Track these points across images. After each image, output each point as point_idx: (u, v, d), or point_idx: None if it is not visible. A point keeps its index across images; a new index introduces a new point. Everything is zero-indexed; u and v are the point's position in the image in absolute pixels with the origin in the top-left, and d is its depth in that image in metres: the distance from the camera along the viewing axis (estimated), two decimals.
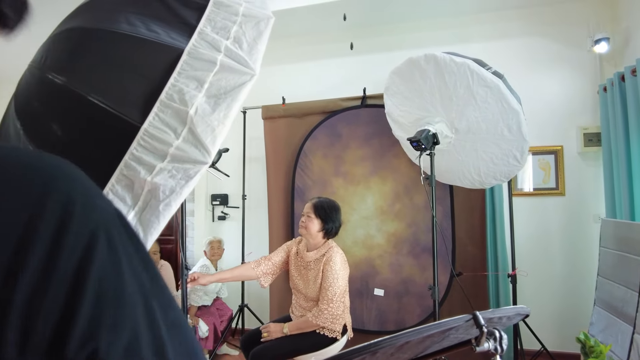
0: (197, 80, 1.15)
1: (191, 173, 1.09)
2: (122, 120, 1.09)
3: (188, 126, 1.10)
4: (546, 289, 3.15)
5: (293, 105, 3.54)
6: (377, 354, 0.93)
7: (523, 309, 1.11)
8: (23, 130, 1.20)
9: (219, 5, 1.34)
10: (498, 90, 2.12)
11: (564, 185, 3.20)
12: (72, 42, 1.24)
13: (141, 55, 1.18)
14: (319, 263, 2.16)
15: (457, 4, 3.27)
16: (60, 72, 1.17)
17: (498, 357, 0.91)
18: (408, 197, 3.24)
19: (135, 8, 1.28)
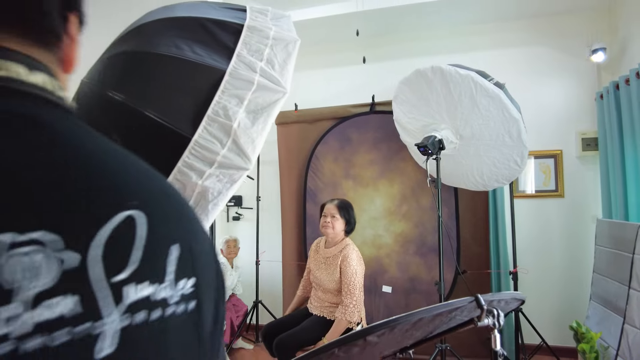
0: (238, 98, 1.34)
1: (235, 177, 1.28)
2: (176, 132, 1.28)
3: (232, 137, 1.28)
4: (546, 285, 3.32)
5: (305, 112, 3.73)
6: (395, 329, 1.11)
7: (519, 294, 1.28)
8: None
9: (252, 29, 1.52)
10: (499, 100, 2.30)
11: (563, 188, 3.36)
12: (128, 63, 1.43)
13: (189, 75, 1.37)
14: (336, 259, 2.36)
15: (463, 15, 3.45)
16: (118, 90, 1.36)
17: (496, 331, 1.08)
18: (414, 198, 3.41)
19: (180, 33, 1.46)
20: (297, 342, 2.22)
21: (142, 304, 0.34)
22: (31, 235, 0.29)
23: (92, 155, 0.37)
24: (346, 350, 1.14)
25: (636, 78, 2.57)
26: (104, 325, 0.31)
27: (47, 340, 0.28)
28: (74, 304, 0.30)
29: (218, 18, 1.52)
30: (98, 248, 0.32)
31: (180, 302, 0.38)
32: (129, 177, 0.39)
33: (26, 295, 0.28)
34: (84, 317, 0.30)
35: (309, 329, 2.31)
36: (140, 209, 0.36)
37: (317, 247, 2.59)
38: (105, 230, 0.33)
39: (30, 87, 0.37)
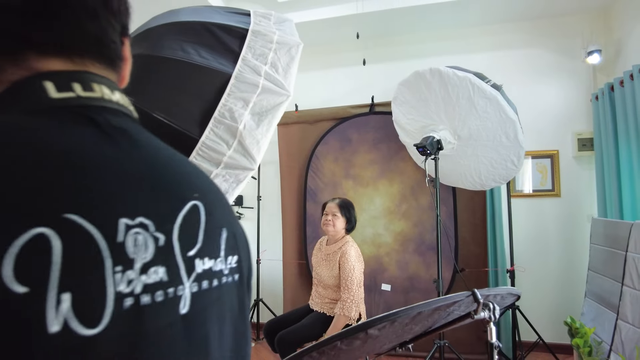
0: (243, 101, 1.38)
1: (241, 177, 1.32)
2: (183, 134, 1.33)
3: (238, 139, 1.33)
4: (542, 283, 3.37)
5: (305, 112, 3.78)
6: (395, 323, 1.16)
7: (514, 289, 1.34)
8: None
9: (257, 34, 1.57)
10: (496, 101, 2.35)
11: (559, 187, 3.42)
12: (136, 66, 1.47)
13: (196, 78, 1.41)
14: (336, 255, 2.42)
15: (460, 17, 3.50)
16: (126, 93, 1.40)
17: (492, 323, 1.13)
18: (414, 198, 3.46)
19: (187, 37, 1.51)
20: (298, 338, 2.28)
21: (206, 275, 0.45)
22: (138, 220, 0.38)
23: (165, 157, 0.47)
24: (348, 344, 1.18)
25: (630, 80, 2.63)
26: (184, 290, 0.41)
27: (152, 298, 0.38)
28: (164, 272, 0.40)
29: (223, 22, 1.57)
30: (177, 230, 0.42)
31: (230, 274, 0.49)
32: (190, 174, 0.48)
33: (139, 264, 0.37)
34: (171, 283, 0.40)
35: (309, 325, 2.36)
36: (199, 200, 0.46)
37: (320, 245, 2.66)
38: (180, 216, 0.43)
39: (114, 104, 0.45)
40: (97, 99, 0.43)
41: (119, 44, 0.50)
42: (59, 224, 0.31)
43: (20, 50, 0.42)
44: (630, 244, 2.25)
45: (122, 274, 0.35)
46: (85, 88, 0.43)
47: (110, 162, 0.39)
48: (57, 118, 0.40)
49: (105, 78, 0.46)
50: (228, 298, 0.48)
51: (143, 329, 0.36)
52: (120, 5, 0.49)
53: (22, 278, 0.29)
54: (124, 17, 0.50)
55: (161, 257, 0.39)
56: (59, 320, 0.30)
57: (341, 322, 2.32)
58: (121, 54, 0.50)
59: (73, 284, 0.31)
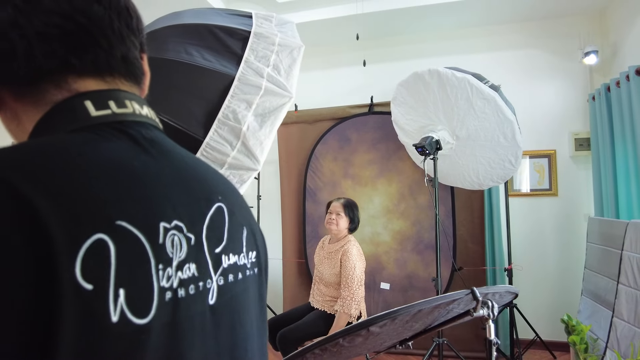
0: (246, 102, 1.41)
1: (245, 178, 1.35)
2: (188, 135, 1.35)
3: (241, 140, 1.36)
4: (540, 281, 3.41)
5: (305, 112, 3.80)
6: (396, 320, 1.19)
7: (512, 288, 1.37)
8: None
9: (259, 36, 1.59)
10: (494, 102, 2.38)
11: (556, 187, 3.45)
12: None
13: (200, 80, 1.43)
14: (338, 253, 2.46)
15: (459, 18, 3.53)
16: None
17: (490, 321, 1.16)
18: (412, 197, 3.49)
19: (191, 39, 1.53)
20: (299, 336, 2.31)
21: (231, 269, 0.51)
22: (174, 222, 0.43)
23: (190, 163, 0.52)
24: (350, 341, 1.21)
25: (626, 81, 2.66)
26: (212, 283, 0.47)
27: (186, 291, 0.43)
28: (195, 268, 0.45)
29: (226, 25, 1.58)
30: (205, 230, 0.47)
31: (251, 268, 0.55)
32: (212, 178, 0.54)
33: (175, 262, 0.42)
34: (201, 277, 0.45)
35: (310, 323, 2.39)
36: (223, 202, 0.52)
37: (323, 244, 2.70)
38: (208, 217, 0.48)
39: (144, 118, 0.50)
40: (129, 114, 0.48)
41: (140, 61, 0.54)
42: (113, 230, 0.36)
43: (61, 73, 0.46)
44: (625, 243, 2.28)
45: (163, 271, 0.40)
46: (119, 105, 0.47)
47: (147, 171, 0.44)
48: (99, 134, 0.44)
49: (134, 94, 0.51)
50: (252, 289, 0.54)
51: (179, 318, 0.41)
52: (138, 25, 0.53)
53: (88, 277, 0.33)
54: (141, 35, 0.54)
55: (193, 255, 0.45)
56: (117, 312, 0.35)
57: (342, 319, 2.35)
58: (143, 69, 0.55)
59: (126, 281, 0.36)
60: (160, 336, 0.39)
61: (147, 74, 0.57)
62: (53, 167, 0.36)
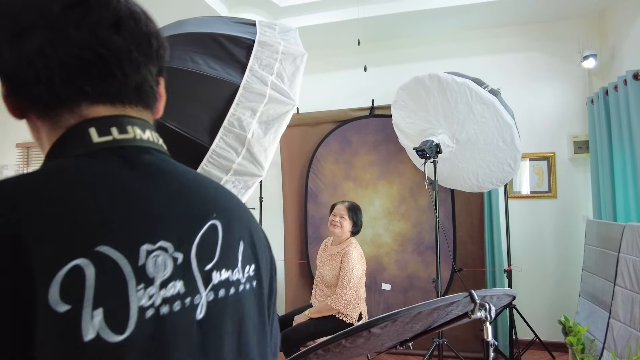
0: (251, 110, 1.45)
1: (249, 184, 1.39)
2: (195, 142, 1.39)
3: (246, 147, 1.40)
4: (539, 282, 3.45)
5: (307, 115, 3.84)
6: (397, 321, 1.23)
7: (510, 290, 1.40)
8: None
9: (263, 44, 1.63)
10: (494, 106, 2.42)
11: (555, 189, 3.49)
12: None
13: (206, 89, 1.47)
14: (339, 255, 2.51)
15: (459, 21, 3.56)
16: None
17: (488, 323, 1.20)
18: (413, 199, 3.53)
19: (196, 48, 1.56)
20: (301, 337, 2.35)
21: (222, 284, 0.52)
22: (159, 244, 0.46)
23: (188, 182, 0.54)
24: (352, 341, 1.25)
25: (624, 85, 2.70)
26: (201, 299, 0.49)
27: (170, 308, 0.45)
28: (181, 285, 0.47)
29: (231, 33, 1.62)
30: (195, 248, 0.49)
31: (247, 282, 0.56)
32: (210, 194, 0.56)
33: (159, 281, 0.45)
34: (187, 294, 0.47)
35: (311, 324, 2.43)
36: (218, 218, 0.53)
37: (325, 246, 2.76)
38: (198, 236, 0.50)
39: (144, 142, 0.53)
40: (130, 140, 0.51)
41: (155, 86, 0.56)
42: (92, 255, 0.40)
43: (76, 100, 0.49)
44: (622, 245, 2.32)
45: (144, 291, 0.43)
46: (121, 131, 0.50)
47: (137, 193, 0.47)
48: (97, 159, 0.48)
49: (140, 119, 0.54)
50: (247, 303, 0.55)
51: (162, 334, 0.44)
52: (159, 51, 0.56)
53: (66, 299, 0.37)
54: (160, 60, 0.57)
55: (179, 273, 0.47)
56: (93, 330, 0.38)
57: (326, 308, 2.45)
58: (157, 94, 0.57)
59: (104, 302, 0.39)
60: (142, 351, 0.41)
61: (163, 96, 0.60)
62: (41, 200, 0.40)
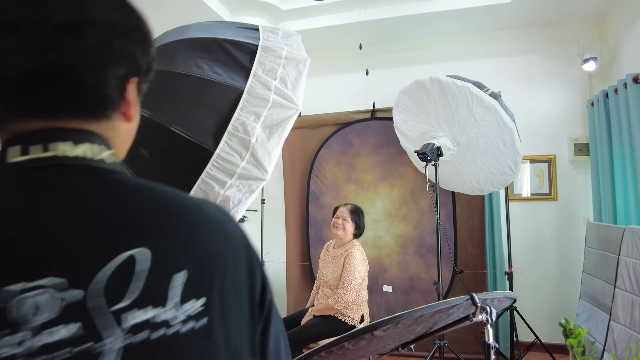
0: (255, 114, 1.47)
1: (253, 187, 1.41)
2: (199, 146, 1.41)
3: (250, 151, 1.42)
4: (539, 284, 3.46)
5: (308, 117, 3.87)
6: (399, 324, 1.25)
7: (510, 293, 1.42)
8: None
9: (266, 49, 1.65)
10: (494, 110, 2.44)
11: (556, 191, 3.51)
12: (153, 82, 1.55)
13: (211, 94, 1.49)
14: (341, 257, 2.54)
15: (460, 25, 3.58)
16: (145, 107, 1.48)
17: (489, 326, 1.22)
18: (414, 201, 3.55)
19: (201, 53, 1.58)
20: (303, 339, 2.37)
21: (143, 326, 0.41)
22: (38, 282, 0.38)
23: (110, 206, 0.45)
24: (355, 344, 1.27)
25: (624, 88, 2.71)
26: (105, 345, 0.39)
27: (51, 356, 0.37)
28: (77, 329, 0.38)
29: (235, 39, 1.64)
30: (100, 284, 0.40)
31: (187, 321, 0.43)
32: (144, 218, 0.45)
33: (32, 325, 0.37)
34: (85, 339, 0.39)
35: (313, 326, 2.45)
36: (146, 246, 0.43)
37: (328, 248, 2.78)
38: (107, 269, 0.41)
39: (71, 160, 0.45)
40: (49, 159, 0.45)
41: (117, 91, 0.49)
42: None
43: (8, 115, 0.45)
44: (622, 248, 2.34)
45: (10, 336, 0.36)
46: (45, 149, 0.44)
47: (27, 227, 0.40)
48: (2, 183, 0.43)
49: (78, 131, 0.47)
50: (183, 348, 0.43)
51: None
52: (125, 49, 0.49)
53: None
54: (130, 61, 0.50)
55: (72, 314, 0.39)
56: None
57: (327, 307, 2.48)
58: (117, 99, 0.50)
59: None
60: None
61: (131, 103, 0.52)
62: None
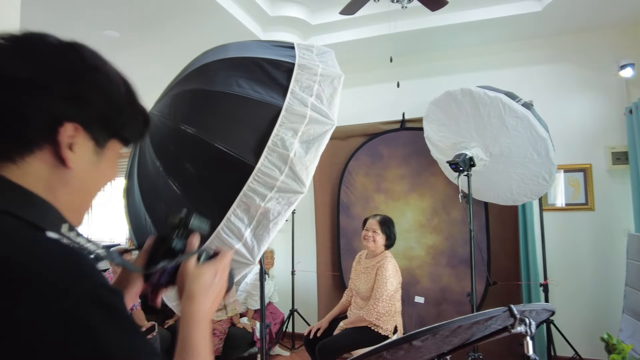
0: (293, 130, 1.53)
1: (292, 200, 1.47)
2: (241, 161, 1.48)
3: (289, 165, 1.48)
4: (577, 298, 3.36)
5: (337, 129, 3.83)
6: (437, 335, 1.27)
7: (549, 305, 1.41)
8: (162, 168, 1.59)
9: (302, 67, 1.72)
10: (527, 120, 2.42)
11: (593, 201, 3.41)
12: (196, 100, 1.65)
13: (251, 111, 1.57)
14: (373, 269, 2.56)
15: (490, 34, 3.57)
16: (190, 124, 1.57)
17: (528, 337, 1.22)
18: (445, 212, 3.53)
19: (240, 72, 1.67)
20: (337, 347, 2.40)
21: None
22: None
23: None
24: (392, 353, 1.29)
25: None
26: None
27: None
28: None
29: (272, 57, 1.72)
30: None
31: None
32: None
33: None
34: None
35: (347, 335, 2.48)
36: None
37: (359, 259, 2.80)
38: None
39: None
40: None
41: (45, 133, 0.50)
42: None
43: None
44: None
45: None
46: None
47: None
48: None
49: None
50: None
51: None
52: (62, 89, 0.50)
53: None
54: (68, 104, 0.51)
55: None
56: None
57: (358, 320, 2.48)
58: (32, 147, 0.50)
59: None
60: None
61: (61, 145, 0.51)
62: None
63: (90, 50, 0.56)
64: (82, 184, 0.55)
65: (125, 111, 0.58)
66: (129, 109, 0.59)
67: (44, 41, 0.52)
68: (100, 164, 0.57)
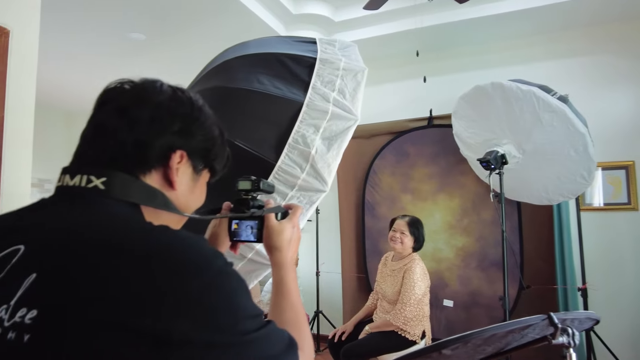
0: (314, 127, 1.48)
1: (314, 199, 1.41)
2: (262, 159, 1.44)
3: (310, 163, 1.42)
4: (619, 303, 3.15)
5: (361, 127, 3.81)
6: (469, 343, 1.18)
7: (593, 314, 1.30)
8: None
9: (324, 62, 1.66)
10: (564, 114, 2.28)
11: (636, 200, 3.20)
12: (217, 97, 1.61)
13: (272, 108, 1.53)
14: (400, 271, 2.47)
15: (521, 27, 3.42)
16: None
17: (571, 349, 1.11)
18: (475, 212, 3.40)
19: (261, 69, 1.63)
20: (363, 351, 2.33)
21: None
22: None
23: (66, 221, 0.54)
24: None
25: None
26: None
27: None
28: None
29: (293, 53, 1.68)
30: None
31: (10, 330, 0.41)
32: (59, 225, 0.55)
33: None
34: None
35: (372, 339, 2.40)
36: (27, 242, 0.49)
37: (386, 261, 2.72)
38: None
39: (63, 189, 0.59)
40: (58, 187, 0.58)
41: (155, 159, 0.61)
42: None
43: None
44: None
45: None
46: (59, 179, 0.58)
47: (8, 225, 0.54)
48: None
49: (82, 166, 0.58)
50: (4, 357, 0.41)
51: None
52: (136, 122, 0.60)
53: None
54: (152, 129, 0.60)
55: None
56: None
57: (385, 324, 2.41)
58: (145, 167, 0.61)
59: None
60: None
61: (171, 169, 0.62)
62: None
63: (195, 94, 0.68)
64: (181, 204, 0.65)
65: (218, 145, 0.70)
66: (220, 144, 0.71)
67: (155, 88, 0.63)
68: (195, 189, 0.68)
